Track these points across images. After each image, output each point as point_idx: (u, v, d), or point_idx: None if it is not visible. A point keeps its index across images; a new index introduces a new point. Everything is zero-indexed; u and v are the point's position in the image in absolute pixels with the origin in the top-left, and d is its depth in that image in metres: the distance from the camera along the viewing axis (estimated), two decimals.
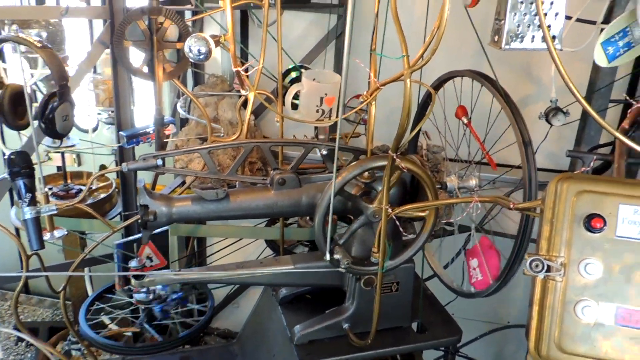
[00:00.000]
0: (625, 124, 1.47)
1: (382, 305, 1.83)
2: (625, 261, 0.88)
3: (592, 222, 0.88)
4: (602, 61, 1.07)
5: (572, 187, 0.89)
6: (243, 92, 1.85)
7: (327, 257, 1.74)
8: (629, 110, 1.45)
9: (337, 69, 3.15)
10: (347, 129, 2.58)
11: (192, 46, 1.61)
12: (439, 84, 2.14)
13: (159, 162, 1.75)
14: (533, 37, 1.55)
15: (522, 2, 1.51)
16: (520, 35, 1.54)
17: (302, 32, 3.32)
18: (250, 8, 2.83)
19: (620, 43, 1.07)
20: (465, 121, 1.81)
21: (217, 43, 1.67)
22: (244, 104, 1.99)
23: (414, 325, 2.16)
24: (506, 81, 1.90)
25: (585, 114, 2.59)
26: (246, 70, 2.18)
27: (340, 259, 1.76)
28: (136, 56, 2.32)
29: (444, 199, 1.85)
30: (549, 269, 0.88)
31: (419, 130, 2.26)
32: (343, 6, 3.03)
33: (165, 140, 2.44)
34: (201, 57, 1.62)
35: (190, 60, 1.64)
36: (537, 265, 0.88)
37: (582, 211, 0.89)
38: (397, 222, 1.67)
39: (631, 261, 0.87)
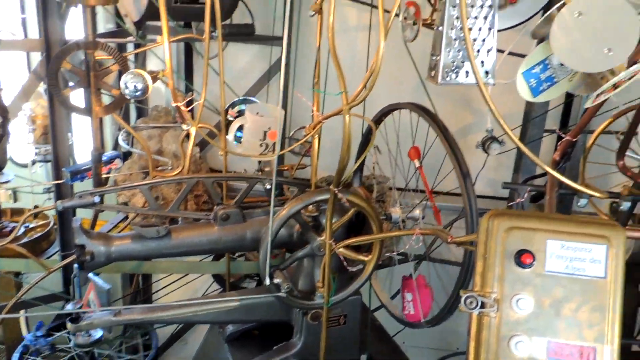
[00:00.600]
0: (556, 156, 1.53)
1: (330, 339, 1.81)
2: (554, 295, 0.90)
3: (522, 257, 0.90)
4: (526, 94, 1.09)
5: (502, 223, 0.91)
6: (184, 127, 1.83)
7: (267, 281, 1.71)
8: (559, 143, 1.52)
9: (285, 100, 3.16)
10: (295, 161, 2.59)
11: (128, 83, 1.58)
12: (381, 116, 2.17)
13: (96, 199, 1.69)
14: (467, 72, 1.60)
15: (456, 39, 1.56)
16: (455, 71, 1.59)
17: (247, 64, 3.33)
18: (193, 41, 2.82)
19: (542, 76, 1.08)
20: (417, 165, 1.83)
21: (155, 79, 1.65)
22: (188, 137, 1.96)
23: (363, 358, 2.15)
24: (447, 112, 1.96)
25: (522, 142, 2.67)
26: (190, 103, 2.16)
27: (281, 283, 1.73)
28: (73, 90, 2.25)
29: (389, 230, 1.86)
30: (483, 305, 0.89)
31: (363, 161, 2.29)
32: (288, 38, 3.06)
33: (107, 175, 2.37)
34: (138, 93, 1.59)
35: (127, 97, 1.61)
36: (471, 302, 0.89)
37: (513, 247, 0.91)
38: (341, 257, 1.67)
39: (560, 295, 0.90)
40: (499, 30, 2.19)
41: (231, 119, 2.07)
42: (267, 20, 3.09)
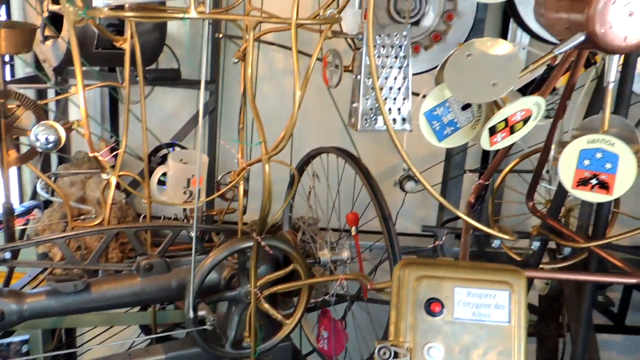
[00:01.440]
0: (471, 198, 1.59)
1: None
2: (463, 342, 0.93)
3: (431, 306, 0.93)
4: (431, 137, 1.11)
5: (412, 272, 0.93)
6: (104, 176, 1.78)
7: (190, 314, 1.66)
8: (473, 186, 1.58)
9: (211, 144, 3.15)
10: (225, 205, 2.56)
11: (39, 135, 1.53)
12: (308, 159, 2.20)
13: (7, 255, 1.61)
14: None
15: (372, 87, 1.62)
16: (373, 118, 1.64)
17: (175, 109, 3.31)
18: (113, 87, 2.77)
19: (445, 119, 1.10)
20: (354, 233, 1.85)
21: (69, 129, 1.61)
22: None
23: None
24: (375, 153, 2.01)
25: (445, 181, 2.78)
26: (115, 150, 2.10)
27: (205, 315, 1.68)
28: None
29: (318, 273, 1.87)
30: (396, 355, 0.90)
31: (291, 206, 2.30)
32: (215, 82, 3.07)
33: (24, 226, 2.26)
34: (49, 146, 1.54)
35: (38, 149, 1.55)
36: (384, 353, 0.90)
37: (423, 296, 0.94)
38: (266, 305, 1.65)
39: (468, 342, 0.93)
40: (427, 71, 2.30)
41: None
42: (195, 63, 3.10)
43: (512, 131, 1.07)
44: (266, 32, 1.60)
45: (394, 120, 1.65)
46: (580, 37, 1.05)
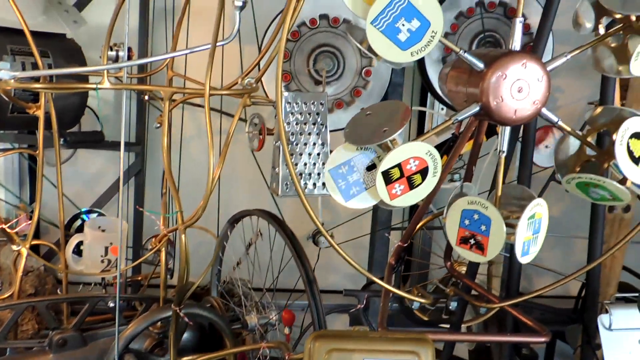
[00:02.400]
0: (392, 260, 1.62)
1: None
2: None
3: None
4: (336, 195, 1.10)
5: (323, 345, 0.94)
6: (14, 248, 1.69)
7: None
8: (394, 247, 1.61)
9: (137, 206, 3.07)
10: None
11: None
12: (233, 222, 2.19)
13: None
14: (306, 184, 1.69)
15: (292, 155, 1.65)
16: (293, 186, 1.66)
17: (99, 171, 3.22)
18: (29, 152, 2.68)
19: (350, 179, 1.11)
20: (286, 332, 1.84)
21: None
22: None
23: None
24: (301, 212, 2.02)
25: (372, 238, 2.82)
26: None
27: None
28: None
29: (248, 337, 1.83)
30: None
31: (219, 269, 2.27)
32: (141, 144, 3.03)
33: None
34: None
35: None
36: None
37: None
38: None
39: None
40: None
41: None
42: (119, 125, 3.05)
43: (411, 186, 1.08)
44: (182, 101, 1.61)
45: (314, 184, 1.69)
46: (475, 108, 1.13)
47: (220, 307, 1.96)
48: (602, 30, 1.24)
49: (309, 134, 1.65)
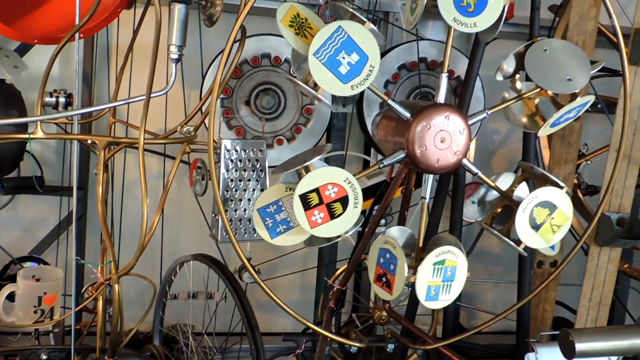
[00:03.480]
0: (331, 304, 1.64)
1: None
2: None
3: None
4: (263, 233, 1.12)
5: None
6: None
7: None
8: (331, 292, 1.63)
9: (79, 253, 2.99)
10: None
11: None
12: (174, 269, 2.17)
13: None
14: (246, 229, 1.70)
15: (231, 200, 1.67)
16: (233, 229, 1.68)
17: (39, 217, 3.13)
18: None
19: (278, 217, 1.12)
20: None
21: None
22: None
23: None
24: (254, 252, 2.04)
25: (319, 283, 2.83)
26: None
27: None
28: None
29: None
30: None
31: (162, 318, 2.23)
32: (82, 189, 2.98)
33: None
34: None
35: None
36: None
37: None
38: None
39: None
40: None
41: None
42: (59, 170, 3.00)
43: (332, 215, 1.08)
44: (117, 151, 1.62)
45: (254, 229, 1.70)
46: (400, 155, 1.19)
47: (161, 355, 1.92)
48: (518, 84, 1.33)
49: (249, 180, 1.68)
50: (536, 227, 1.16)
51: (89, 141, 2.70)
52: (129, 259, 1.40)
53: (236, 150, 1.66)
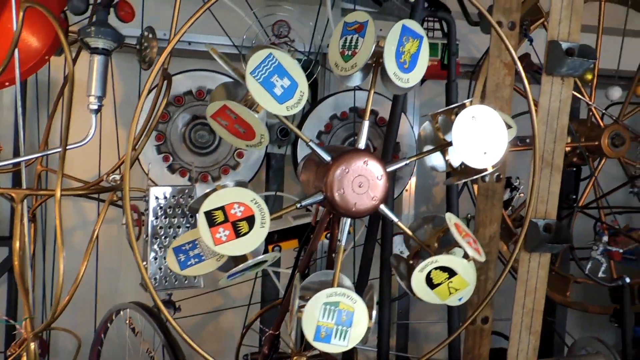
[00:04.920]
0: (265, 349, 1.62)
1: None
2: None
3: None
4: (175, 266, 1.15)
5: None
6: None
7: None
8: (265, 336, 1.62)
9: (10, 305, 2.86)
10: None
11: None
12: (110, 316, 2.11)
13: None
14: (175, 277, 1.68)
15: (161, 248, 1.65)
16: (162, 277, 1.66)
17: None
18: None
19: (191, 253, 1.16)
20: None
21: None
22: None
23: None
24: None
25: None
26: None
27: None
28: None
29: None
30: None
31: None
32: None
33: None
34: None
35: None
36: None
37: None
38: None
39: None
40: None
41: None
42: None
43: (237, 233, 1.07)
44: (40, 203, 1.58)
45: (185, 277, 1.69)
46: (319, 197, 1.22)
47: None
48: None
49: (178, 226, 1.67)
50: (432, 286, 1.19)
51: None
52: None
53: (165, 197, 1.65)
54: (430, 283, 1.18)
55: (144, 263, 1.67)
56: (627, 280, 2.18)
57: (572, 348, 2.31)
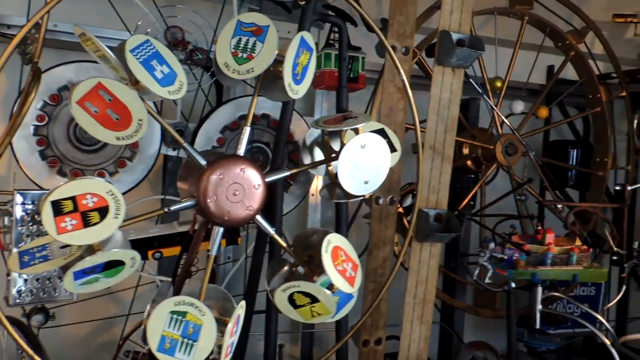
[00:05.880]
0: None
1: None
2: None
3: None
4: (15, 266, 1.08)
5: None
6: None
7: None
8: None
9: None
10: None
11: None
12: None
13: None
14: (44, 289, 1.55)
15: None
16: (27, 291, 1.52)
17: None
18: None
19: (38, 254, 1.10)
20: None
21: None
22: None
23: None
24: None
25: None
26: None
27: None
28: None
29: None
30: None
31: None
32: None
33: None
34: None
35: None
36: None
37: None
38: None
39: None
40: None
41: None
42: None
43: (86, 223, 1.00)
44: None
45: (54, 289, 1.55)
46: (189, 202, 1.14)
47: None
48: None
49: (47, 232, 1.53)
50: (295, 306, 1.17)
51: None
52: None
53: (33, 202, 1.51)
54: (293, 303, 1.14)
55: (9, 277, 1.51)
56: (513, 285, 2.24)
57: (460, 352, 2.34)
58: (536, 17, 2.89)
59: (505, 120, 2.78)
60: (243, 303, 1.10)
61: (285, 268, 1.29)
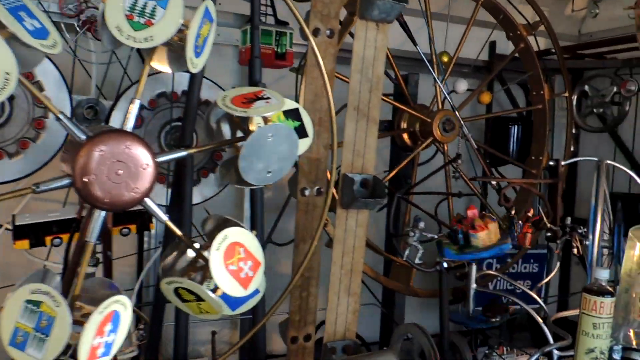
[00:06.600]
0: None
1: None
2: None
3: None
4: None
5: None
6: None
7: None
8: None
9: None
10: None
11: None
12: None
13: None
14: None
15: None
16: None
17: None
18: None
19: None
20: None
21: None
22: None
23: None
24: None
25: None
26: None
27: None
28: None
29: None
30: None
31: None
32: None
33: None
34: None
35: None
36: None
37: None
38: None
39: None
40: (13, 180, 2.03)
41: None
42: None
43: None
44: None
45: None
46: (64, 181, 1.00)
47: None
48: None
49: None
50: (182, 300, 1.07)
51: None
52: None
53: None
54: (179, 298, 1.04)
55: None
56: (445, 265, 2.20)
57: (393, 335, 2.26)
58: (492, 1, 2.91)
59: (448, 96, 2.75)
60: (121, 298, 0.95)
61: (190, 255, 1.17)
